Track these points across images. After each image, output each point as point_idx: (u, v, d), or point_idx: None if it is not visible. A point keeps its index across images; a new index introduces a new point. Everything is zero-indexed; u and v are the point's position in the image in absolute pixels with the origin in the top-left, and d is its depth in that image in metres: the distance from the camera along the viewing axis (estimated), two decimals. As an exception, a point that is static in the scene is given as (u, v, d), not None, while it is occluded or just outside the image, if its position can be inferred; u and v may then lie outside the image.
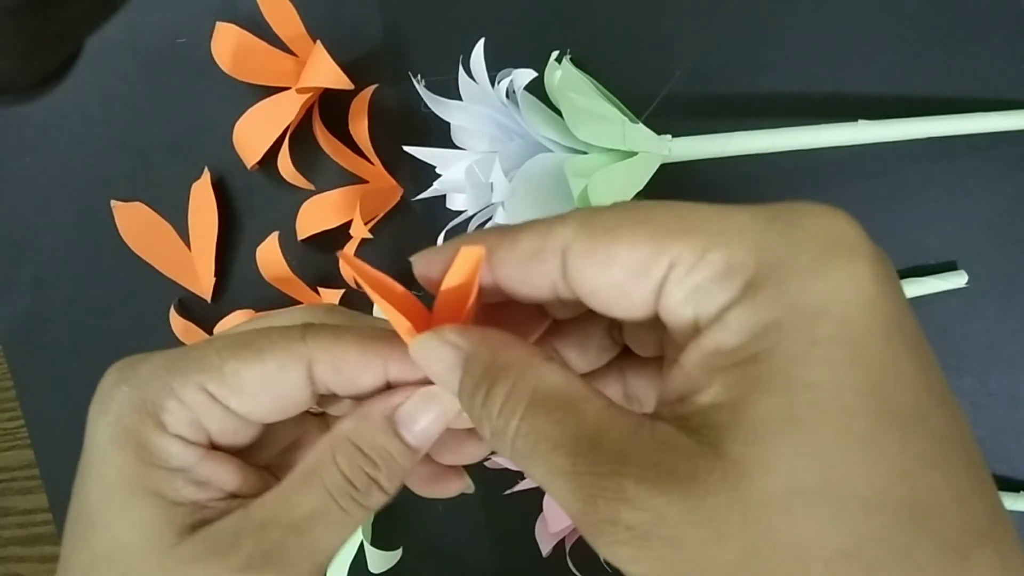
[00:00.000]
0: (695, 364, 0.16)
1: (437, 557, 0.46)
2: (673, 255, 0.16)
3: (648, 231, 0.17)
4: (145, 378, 0.20)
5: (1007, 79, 0.38)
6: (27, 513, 0.53)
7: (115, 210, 0.46)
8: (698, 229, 0.16)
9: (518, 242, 0.18)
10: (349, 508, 0.20)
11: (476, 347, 0.19)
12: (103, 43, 0.27)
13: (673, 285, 0.16)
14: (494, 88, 0.37)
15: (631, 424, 0.16)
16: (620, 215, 0.17)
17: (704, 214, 0.17)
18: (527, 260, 0.18)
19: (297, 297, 0.44)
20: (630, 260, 0.17)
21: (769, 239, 0.16)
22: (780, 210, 0.17)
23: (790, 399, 0.15)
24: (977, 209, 0.39)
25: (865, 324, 0.15)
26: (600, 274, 0.17)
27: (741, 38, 0.39)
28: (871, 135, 0.36)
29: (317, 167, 0.44)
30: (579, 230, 0.17)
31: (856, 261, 0.16)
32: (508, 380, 0.17)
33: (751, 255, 0.16)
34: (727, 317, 0.16)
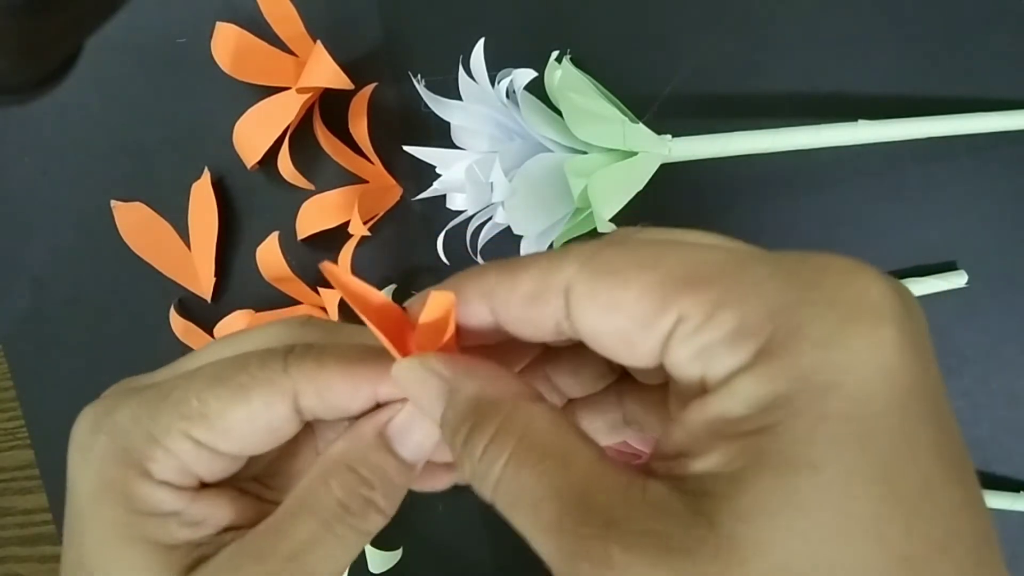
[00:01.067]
0: (697, 426, 0.15)
1: (437, 557, 0.46)
2: (681, 309, 0.15)
3: (655, 279, 0.16)
4: (124, 427, 0.19)
5: (1007, 79, 0.38)
6: (27, 513, 0.53)
7: (115, 210, 0.46)
8: (710, 282, 0.15)
9: (518, 283, 0.17)
10: (345, 534, 0.20)
11: (461, 379, 0.18)
12: (103, 43, 0.27)
13: (680, 341, 0.15)
14: (494, 88, 0.37)
15: (622, 482, 0.15)
16: (626, 256, 0.16)
17: (717, 264, 0.16)
18: (528, 302, 0.17)
19: (297, 297, 0.44)
20: (635, 310, 0.16)
21: (787, 300, 0.15)
22: (800, 264, 0.15)
23: (792, 480, 0.14)
24: (977, 209, 0.39)
25: (881, 398, 0.14)
26: (603, 320, 0.16)
27: (741, 38, 0.39)
28: (871, 135, 0.36)
29: (317, 167, 0.44)
30: (582, 269, 0.16)
31: (880, 329, 0.14)
32: (494, 421, 0.17)
33: (766, 319, 0.15)
34: (735, 384, 0.15)
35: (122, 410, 0.20)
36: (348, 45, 0.42)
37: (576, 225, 0.38)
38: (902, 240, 0.39)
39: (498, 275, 0.17)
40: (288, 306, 0.45)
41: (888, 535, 0.14)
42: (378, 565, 0.43)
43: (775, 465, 0.14)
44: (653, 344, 0.16)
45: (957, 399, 0.39)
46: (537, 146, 0.37)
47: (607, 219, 0.35)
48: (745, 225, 0.40)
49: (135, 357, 0.48)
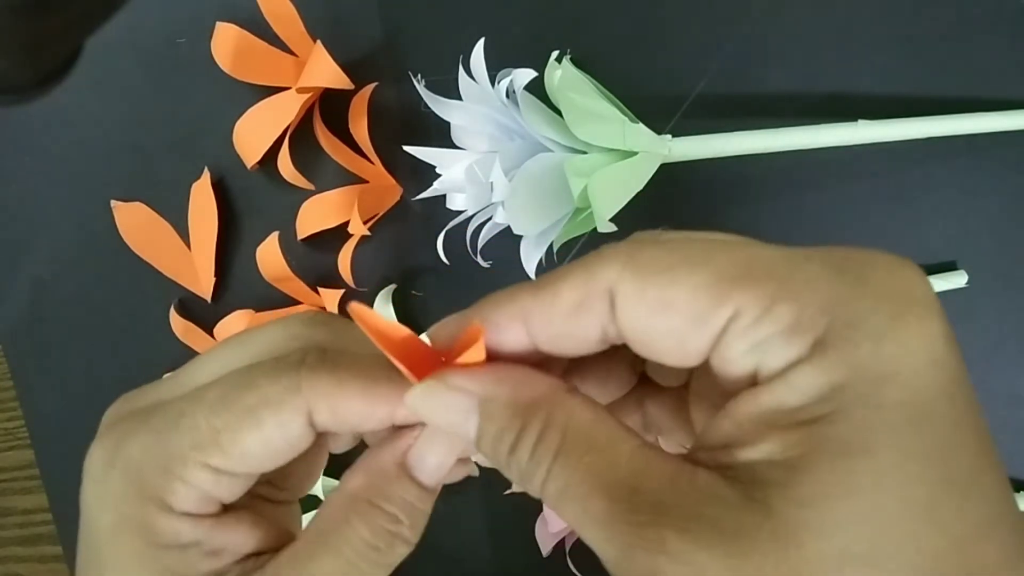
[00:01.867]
0: (749, 417, 0.15)
1: (437, 557, 0.46)
2: (737, 304, 0.15)
3: (709, 275, 0.15)
4: (138, 461, 0.19)
5: (1007, 79, 0.38)
6: (27, 513, 0.53)
7: (115, 210, 0.46)
8: (765, 278, 0.15)
9: (559, 296, 0.17)
10: (371, 571, 0.20)
11: (492, 389, 0.17)
12: (103, 43, 0.27)
13: (735, 336, 0.15)
14: (494, 88, 0.37)
15: (669, 469, 0.15)
16: (674, 253, 0.16)
17: (769, 260, 0.16)
18: (572, 314, 0.17)
19: (297, 297, 0.44)
20: (689, 307, 0.15)
21: (841, 294, 0.15)
22: (847, 260, 0.16)
23: (850, 464, 0.14)
24: (977, 209, 0.39)
25: (933, 387, 0.15)
26: (654, 319, 0.16)
27: (741, 38, 0.39)
28: (871, 135, 0.36)
29: (317, 167, 0.44)
30: (625, 269, 0.16)
31: (928, 321, 0.15)
32: (537, 421, 0.16)
33: (823, 312, 0.15)
34: (792, 375, 0.15)
35: (133, 443, 0.19)
36: (348, 45, 0.42)
37: (576, 225, 0.38)
38: (902, 240, 0.39)
39: (534, 294, 0.17)
40: (288, 306, 0.45)
41: (942, 517, 0.14)
42: (378, 565, 0.43)
43: (833, 451, 0.14)
44: (706, 341, 0.16)
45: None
46: (537, 146, 0.37)
47: (607, 219, 0.35)
48: (745, 225, 0.40)
49: (135, 357, 0.48)
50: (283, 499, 0.22)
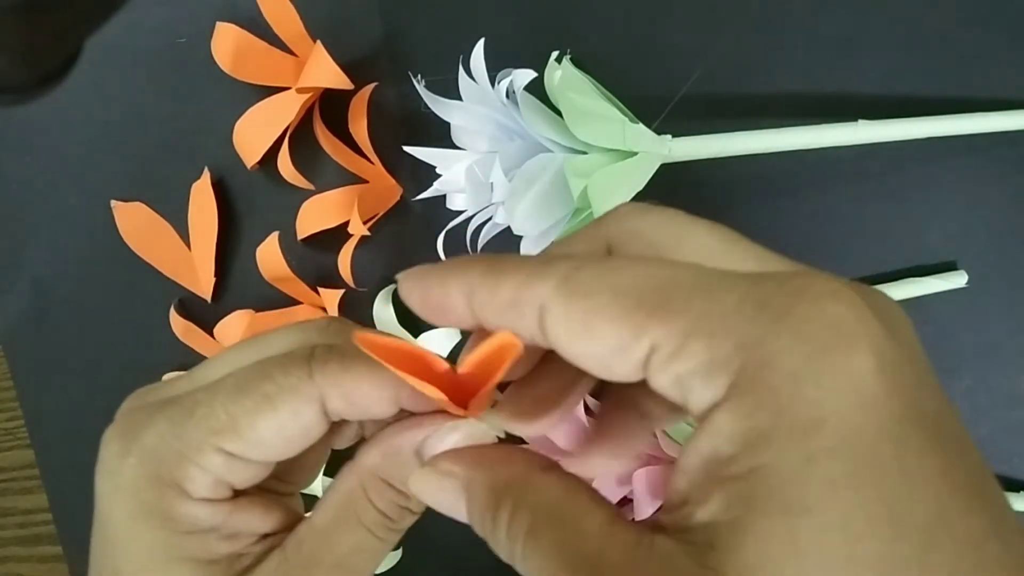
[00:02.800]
0: (694, 469, 0.15)
1: (437, 557, 0.46)
2: (653, 338, 0.15)
3: (627, 305, 0.15)
4: (154, 449, 0.19)
5: (1007, 79, 0.38)
6: (27, 513, 0.53)
7: (115, 210, 0.46)
8: (679, 310, 0.15)
9: (498, 288, 0.17)
10: (387, 537, 0.21)
11: (473, 472, 0.18)
12: (103, 43, 0.27)
13: (657, 369, 0.15)
14: (494, 88, 0.37)
15: (630, 540, 0.15)
16: (602, 278, 0.16)
17: (687, 290, 0.15)
18: (505, 311, 0.17)
19: (297, 297, 0.44)
20: (607, 337, 0.15)
21: (755, 332, 0.14)
22: (775, 291, 0.15)
23: (791, 524, 0.13)
24: (977, 209, 0.39)
25: (869, 431, 0.13)
26: (577, 344, 0.16)
27: (742, 38, 0.39)
28: (871, 135, 0.36)
29: (317, 167, 0.44)
30: (558, 289, 0.16)
31: (855, 357, 0.14)
32: (509, 502, 0.17)
33: (737, 350, 0.14)
34: (715, 419, 0.14)
35: (148, 432, 0.20)
36: (348, 45, 0.42)
37: (576, 225, 0.38)
38: (902, 240, 0.39)
39: (482, 274, 0.17)
40: (288, 306, 0.45)
41: (901, 574, 0.13)
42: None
43: (771, 510, 0.13)
44: (631, 368, 0.16)
45: (957, 399, 0.39)
46: (537, 146, 0.37)
47: (607, 219, 0.35)
48: (745, 225, 0.40)
49: (135, 357, 0.48)
50: (286, 492, 0.23)
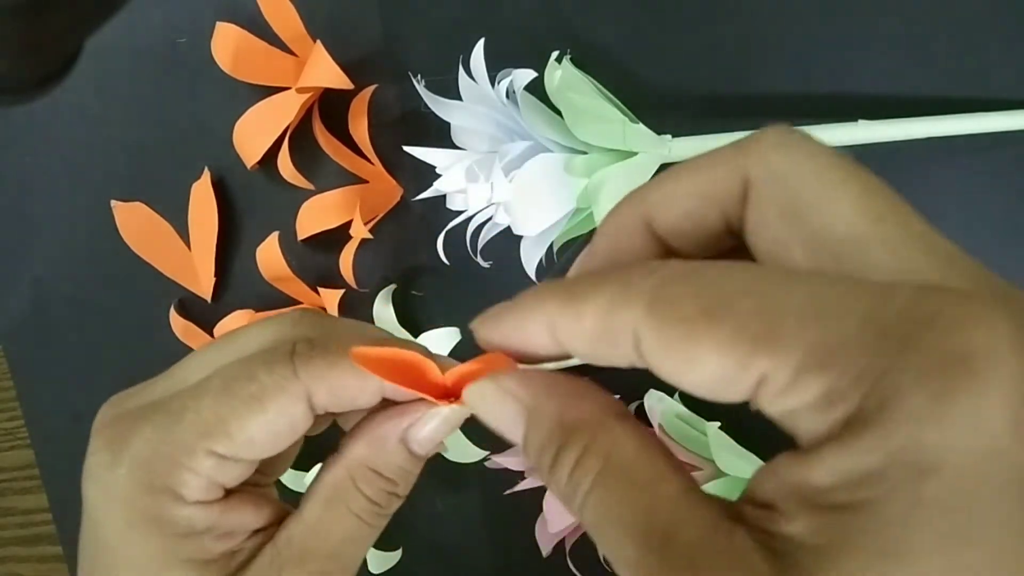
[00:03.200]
0: (787, 485, 0.14)
1: (437, 557, 0.46)
2: (761, 370, 0.13)
3: (729, 334, 0.14)
4: (144, 456, 0.20)
5: (1007, 79, 0.38)
6: (27, 513, 0.53)
7: (115, 210, 0.46)
8: (790, 341, 0.13)
9: (581, 319, 0.15)
10: (376, 523, 0.22)
11: (541, 400, 0.17)
12: (103, 43, 0.27)
13: (765, 401, 0.14)
14: (494, 88, 0.37)
15: (708, 522, 0.14)
16: (696, 299, 0.14)
17: (799, 316, 0.13)
18: (596, 341, 0.15)
19: (297, 297, 0.44)
20: (713, 369, 0.14)
21: (876, 365, 0.13)
22: (903, 315, 0.13)
23: (884, 568, 0.12)
24: (977, 209, 0.39)
25: (990, 485, 0.12)
26: (682, 374, 0.15)
27: (741, 38, 0.39)
28: (871, 135, 0.36)
29: (317, 167, 0.44)
30: (650, 315, 0.14)
31: (987, 397, 0.12)
32: (578, 444, 0.16)
33: (855, 385, 0.13)
34: (824, 453, 0.13)
35: (136, 439, 0.20)
36: (348, 45, 0.42)
37: (576, 225, 0.38)
38: (902, 240, 0.39)
39: (561, 307, 0.16)
40: (288, 306, 0.45)
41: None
42: (378, 565, 0.43)
43: (865, 549, 0.13)
44: (738, 397, 0.14)
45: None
46: (537, 146, 0.37)
47: (607, 219, 0.35)
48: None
49: (135, 357, 0.48)
50: (265, 483, 0.24)
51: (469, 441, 0.41)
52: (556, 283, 0.16)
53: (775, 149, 0.16)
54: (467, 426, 0.43)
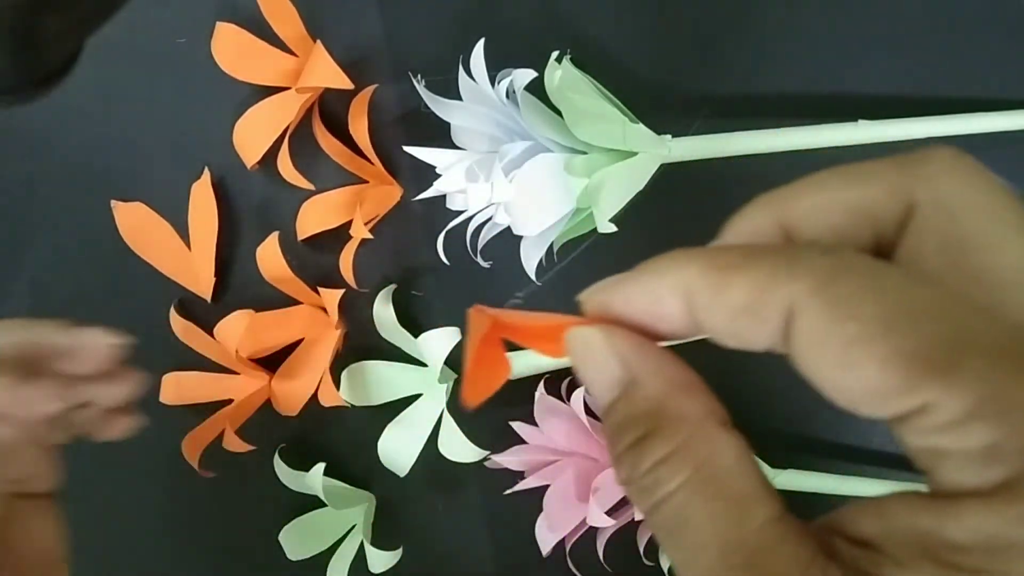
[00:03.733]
0: (903, 530, 0.13)
1: (437, 557, 0.46)
2: (927, 399, 0.12)
3: (905, 349, 0.12)
4: None
5: (1007, 79, 0.38)
6: (27, 513, 0.53)
7: (115, 210, 0.46)
8: (970, 379, 0.12)
9: (728, 291, 0.14)
10: None
11: (647, 374, 0.15)
12: (103, 43, 0.27)
13: (913, 430, 0.13)
14: (494, 88, 0.37)
15: (799, 555, 0.13)
16: (875, 300, 0.13)
17: (984, 354, 0.12)
18: (738, 315, 0.14)
19: (297, 297, 0.44)
20: (872, 379, 0.13)
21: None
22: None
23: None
24: (977, 209, 0.39)
25: None
26: (833, 375, 0.13)
27: (741, 38, 0.39)
28: (871, 135, 0.36)
29: (317, 167, 0.44)
30: (815, 296, 0.13)
31: None
32: (673, 439, 0.15)
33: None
34: (967, 507, 0.12)
35: None
36: (348, 45, 0.42)
37: (576, 225, 0.38)
38: (902, 240, 0.39)
39: (703, 271, 0.14)
40: (288, 306, 0.45)
41: None
42: (378, 565, 0.43)
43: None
44: (885, 415, 0.13)
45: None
46: (537, 146, 0.37)
47: (607, 219, 0.35)
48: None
49: (135, 357, 0.48)
50: None
51: (469, 441, 0.41)
52: (696, 249, 0.15)
53: (946, 175, 0.15)
54: (467, 426, 0.43)
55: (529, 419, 0.42)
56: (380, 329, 0.43)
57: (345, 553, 0.44)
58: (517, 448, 0.42)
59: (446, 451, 0.42)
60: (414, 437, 0.43)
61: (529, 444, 0.42)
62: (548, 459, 0.41)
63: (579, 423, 0.40)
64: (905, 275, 0.13)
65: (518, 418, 0.42)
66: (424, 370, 0.43)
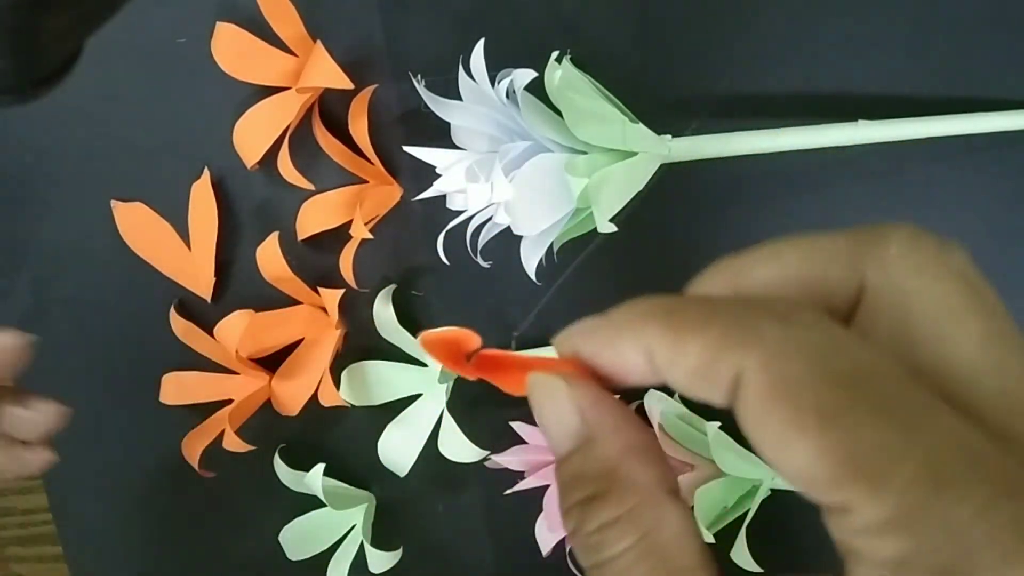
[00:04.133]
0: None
1: (437, 557, 0.46)
2: (850, 499, 0.12)
3: (837, 450, 0.12)
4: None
5: (1007, 79, 0.38)
6: (27, 513, 0.53)
7: (115, 210, 0.46)
8: (897, 484, 0.12)
9: (683, 352, 0.14)
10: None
11: (605, 436, 0.16)
12: (103, 43, 0.27)
13: (837, 525, 0.13)
14: (494, 88, 0.37)
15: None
16: (814, 383, 0.13)
17: (916, 454, 0.12)
18: (691, 376, 0.14)
19: (297, 297, 0.44)
20: (803, 468, 0.13)
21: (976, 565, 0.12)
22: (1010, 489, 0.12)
23: None
24: (977, 209, 0.39)
25: None
26: (769, 450, 0.13)
27: (742, 38, 0.39)
28: (871, 135, 0.36)
29: (317, 167, 0.44)
30: (762, 373, 0.13)
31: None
32: (622, 504, 0.15)
33: (935, 555, 0.12)
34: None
35: None
36: (348, 45, 0.42)
37: (576, 225, 0.38)
38: (902, 240, 0.39)
39: (662, 332, 0.15)
40: (288, 306, 0.45)
41: None
42: (378, 565, 0.43)
43: None
44: (817, 500, 0.13)
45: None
46: (537, 146, 0.37)
47: (607, 219, 0.35)
48: (745, 225, 0.40)
49: (135, 357, 0.48)
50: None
51: (469, 441, 0.41)
52: (658, 303, 0.15)
53: (901, 259, 0.15)
54: (467, 426, 0.43)
55: (529, 419, 0.42)
56: (380, 329, 0.43)
57: (345, 553, 0.44)
58: (517, 448, 0.42)
59: (446, 451, 0.42)
60: (414, 437, 0.43)
61: (529, 444, 0.42)
62: (548, 459, 0.41)
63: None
64: (857, 362, 0.13)
65: (518, 418, 0.42)
66: (424, 370, 0.43)
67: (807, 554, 0.40)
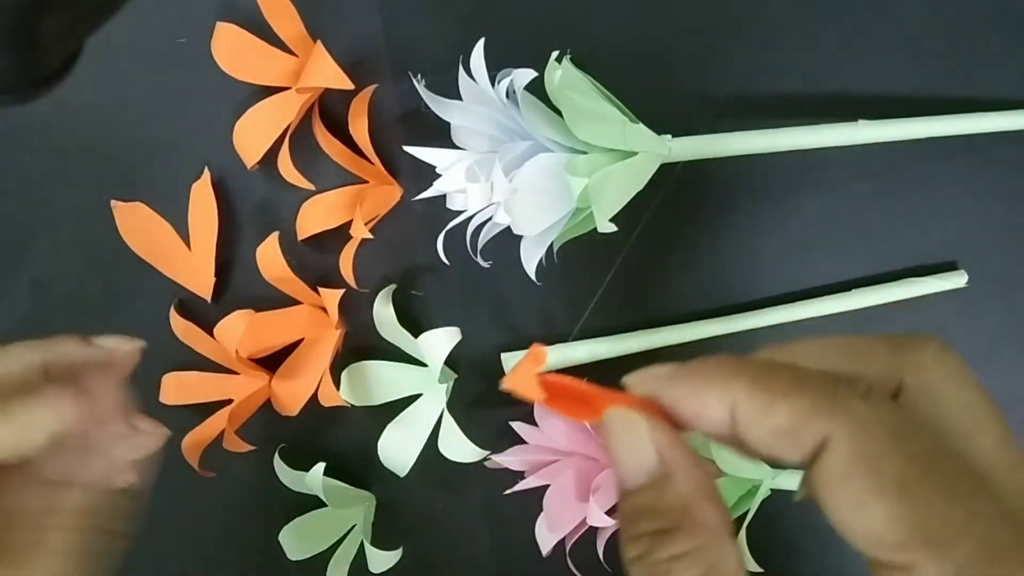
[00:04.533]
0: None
1: (437, 557, 0.46)
2: (916, 561, 0.14)
3: (913, 518, 0.14)
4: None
5: (1007, 79, 0.38)
6: (27, 513, 0.53)
7: (115, 210, 0.46)
8: (959, 554, 0.14)
9: (772, 412, 0.15)
10: None
11: (681, 476, 0.17)
12: (103, 43, 0.27)
13: (889, 569, 0.14)
14: (494, 88, 0.37)
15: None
16: (892, 456, 0.14)
17: (976, 530, 0.14)
18: (777, 436, 0.16)
19: (297, 297, 0.44)
20: (876, 531, 0.14)
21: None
22: None
23: None
24: (977, 209, 0.39)
25: None
26: (844, 511, 0.15)
27: (741, 38, 0.40)
28: (871, 135, 0.36)
29: (317, 167, 0.44)
30: (847, 440, 0.15)
31: None
32: (693, 540, 0.16)
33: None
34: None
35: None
36: (348, 45, 0.42)
37: (576, 225, 0.38)
38: (902, 240, 0.39)
39: (750, 391, 0.16)
40: (288, 306, 0.45)
41: None
42: (378, 565, 0.43)
43: None
44: (876, 558, 0.15)
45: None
46: (537, 146, 0.37)
47: (607, 219, 0.35)
48: (745, 225, 0.40)
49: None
50: None
51: (469, 441, 0.41)
52: (746, 363, 0.16)
53: (935, 367, 0.17)
54: (467, 426, 0.43)
55: (529, 419, 0.42)
56: (380, 329, 0.43)
57: (345, 553, 0.44)
58: (517, 448, 0.42)
59: (446, 451, 0.42)
60: (414, 437, 0.43)
61: (529, 444, 0.42)
62: (548, 459, 0.41)
63: (579, 423, 0.40)
64: (926, 443, 0.15)
65: (518, 418, 0.42)
66: (424, 370, 0.43)
67: (807, 554, 0.40)
